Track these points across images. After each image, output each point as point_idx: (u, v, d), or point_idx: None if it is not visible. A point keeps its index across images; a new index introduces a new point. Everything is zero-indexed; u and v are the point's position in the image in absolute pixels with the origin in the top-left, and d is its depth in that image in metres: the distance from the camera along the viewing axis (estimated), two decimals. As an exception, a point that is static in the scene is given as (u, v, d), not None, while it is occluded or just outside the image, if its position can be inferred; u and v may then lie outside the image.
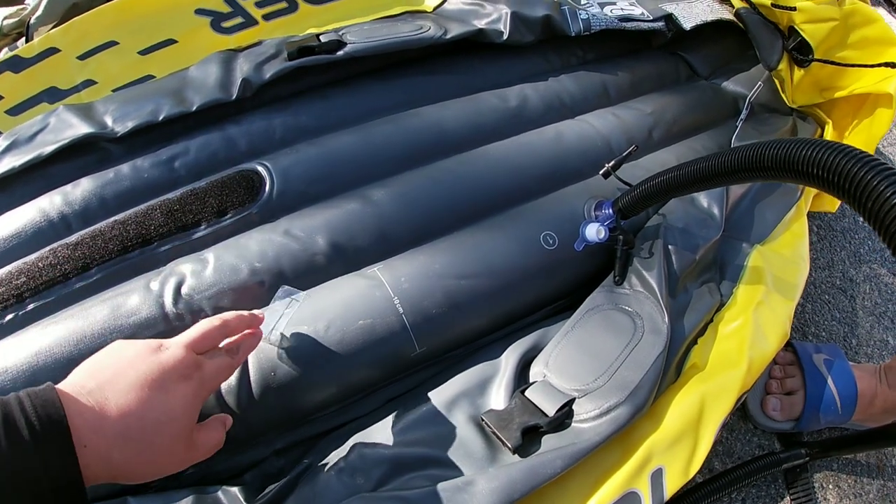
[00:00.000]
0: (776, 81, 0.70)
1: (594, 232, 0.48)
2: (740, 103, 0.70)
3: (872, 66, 0.67)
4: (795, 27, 0.68)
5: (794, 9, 0.67)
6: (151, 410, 0.30)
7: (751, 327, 0.48)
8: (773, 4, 0.69)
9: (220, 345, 0.36)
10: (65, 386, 0.29)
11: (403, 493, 0.36)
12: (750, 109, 0.68)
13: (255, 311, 0.38)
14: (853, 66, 0.68)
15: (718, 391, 0.44)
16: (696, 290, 0.50)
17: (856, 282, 0.78)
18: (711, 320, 0.50)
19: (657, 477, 0.40)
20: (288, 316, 0.40)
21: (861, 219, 0.82)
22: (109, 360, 0.31)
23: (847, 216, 0.84)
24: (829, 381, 0.63)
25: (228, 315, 0.36)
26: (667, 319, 0.45)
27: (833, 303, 0.75)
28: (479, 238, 0.47)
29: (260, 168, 0.47)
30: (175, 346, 0.33)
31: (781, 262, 0.55)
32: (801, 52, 0.69)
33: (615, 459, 0.41)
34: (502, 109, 0.57)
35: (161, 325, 0.41)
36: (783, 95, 0.69)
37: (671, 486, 0.40)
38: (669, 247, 0.50)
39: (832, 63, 0.68)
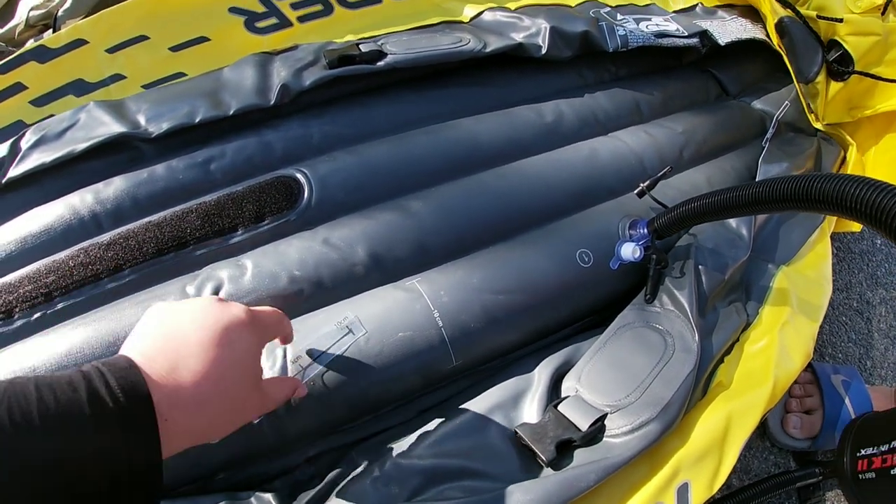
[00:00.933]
0: (803, 100, 0.71)
1: (630, 251, 0.49)
2: (767, 122, 0.71)
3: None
4: (838, 39, 0.70)
5: (840, 20, 0.68)
6: (223, 369, 0.30)
7: (776, 347, 0.49)
8: (818, 16, 0.70)
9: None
10: (130, 353, 0.29)
11: None
12: (776, 129, 0.70)
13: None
14: (891, 80, 0.69)
15: (744, 409, 0.45)
16: (724, 309, 0.52)
17: (872, 304, 0.79)
18: (738, 339, 0.51)
19: (683, 491, 0.41)
20: (340, 349, 0.41)
21: (879, 241, 0.84)
22: (168, 328, 0.30)
23: (865, 238, 0.86)
24: (847, 401, 0.65)
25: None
26: (697, 338, 0.46)
27: (850, 325, 0.77)
28: (516, 253, 0.47)
29: (298, 175, 0.47)
30: (237, 304, 0.33)
31: (806, 282, 0.56)
32: (841, 65, 0.70)
33: (644, 473, 0.42)
34: (538, 124, 0.57)
35: None
36: (809, 115, 0.70)
37: (696, 501, 0.41)
38: (700, 267, 0.51)
39: (871, 76, 0.70)
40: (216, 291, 0.42)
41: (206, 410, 0.29)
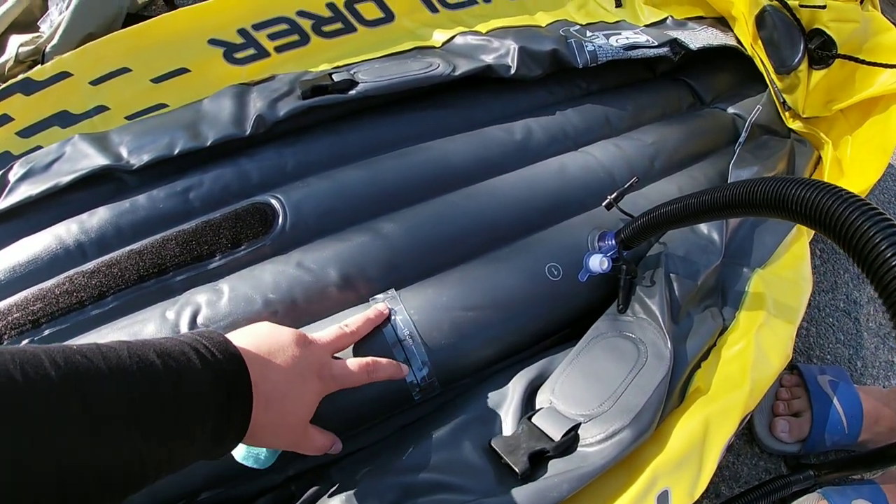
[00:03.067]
0: (777, 99, 0.72)
1: (598, 263, 0.50)
2: (740, 128, 0.72)
3: (892, 65, 0.70)
4: (821, 26, 0.73)
5: (823, 7, 0.71)
6: (291, 391, 0.35)
7: (753, 349, 0.49)
8: (801, 5, 0.72)
9: (366, 365, 0.41)
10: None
11: None
12: (749, 132, 0.71)
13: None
14: (874, 64, 0.71)
15: (722, 412, 0.45)
16: (699, 315, 0.52)
17: (860, 304, 0.80)
18: (714, 345, 0.52)
19: (663, 499, 0.41)
20: None
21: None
22: (265, 338, 0.36)
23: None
24: (835, 401, 0.65)
25: (357, 323, 0.42)
26: (669, 344, 0.46)
27: (837, 325, 0.77)
28: (485, 271, 0.49)
29: (273, 201, 0.49)
30: (318, 347, 0.38)
31: (782, 284, 0.57)
32: (824, 50, 0.73)
33: (621, 483, 0.42)
34: (508, 143, 0.59)
35: None
36: (784, 114, 0.72)
37: None
38: (671, 274, 0.52)
39: (854, 59, 0.72)
40: (194, 316, 0.44)
41: (269, 411, 0.33)
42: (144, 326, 0.44)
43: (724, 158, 0.69)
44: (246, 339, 0.35)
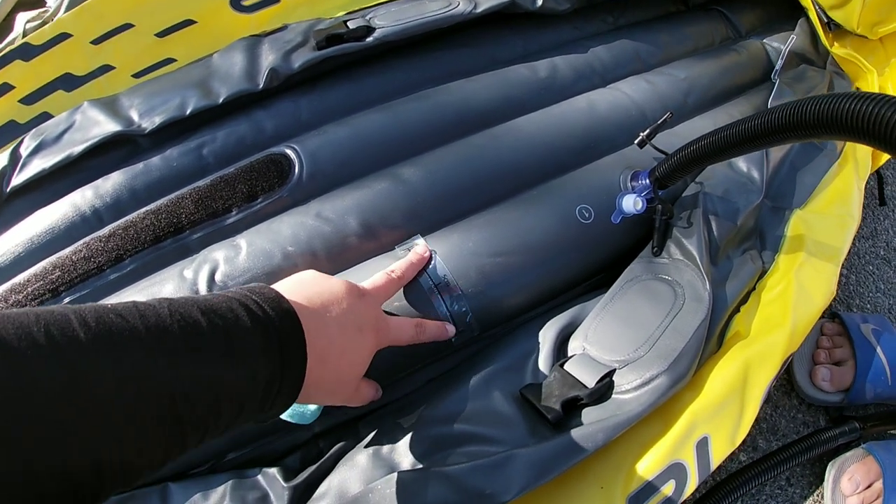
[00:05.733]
0: (818, 20, 0.65)
1: (631, 203, 0.47)
2: (776, 61, 0.67)
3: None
4: None
5: None
6: (348, 346, 0.33)
7: (794, 288, 0.47)
8: None
9: (416, 325, 0.39)
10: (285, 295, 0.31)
11: (442, 470, 0.36)
12: (785, 61, 0.65)
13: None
14: None
15: (762, 354, 0.43)
16: (738, 257, 0.49)
17: (902, 250, 0.76)
18: (754, 288, 0.49)
19: (703, 446, 0.39)
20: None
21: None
22: (319, 289, 0.34)
23: (890, 184, 0.81)
24: (878, 350, 0.61)
25: (402, 267, 0.40)
26: (708, 287, 0.44)
27: (878, 274, 0.73)
28: (513, 214, 0.46)
29: (288, 151, 0.47)
30: (372, 299, 0.36)
31: (824, 222, 0.53)
32: None
33: (658, 430, 0.40)
34: (532, 81, 0.55)
35: None
36: (825, 37, 0.66)
37: (717, 455, 0.39)
38: (709, 214, 0.49)
39: None
40: (212, 274, 0.42)
41: (324, 367, 0.31)
42: (163, 287, 0.43)
43: (759, 94, 0.64)
44: (297, 290, 0.33)
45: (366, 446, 0.40)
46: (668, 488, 0.38)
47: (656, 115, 0.56)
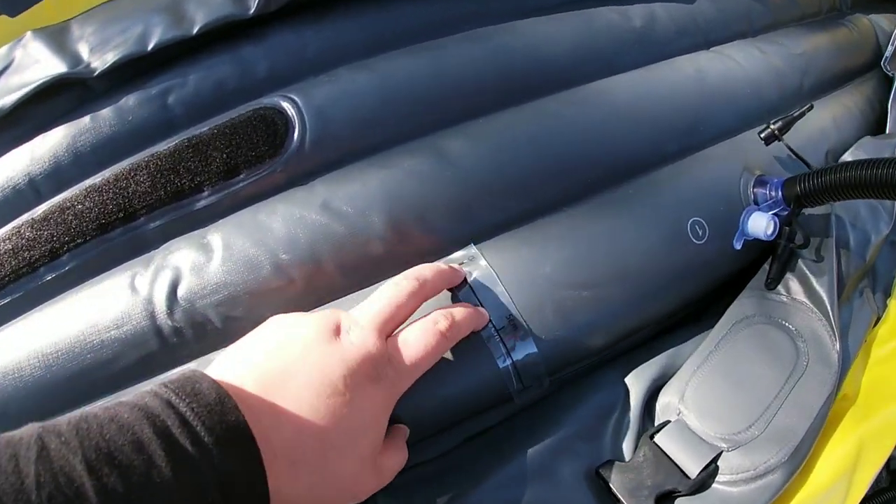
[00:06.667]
0: None
1: (763, 226, 0.31)
2: (882, 44, 0.52)
3: None
4: None
5: None
6: (333, 427, 0.21)
7: None
8: None
9: (437, 329, 0.24)
10: (215, 375, 0.20)
11: None
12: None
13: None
14: None
15: (880, 431, 0.31)
16: (857, 299, 0.37)
17: None
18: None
19: None
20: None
21: None
22: (273, 350, 0.22)
23: None
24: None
25: (423, 271, 0.25)
26: (838, 346, 0.31)
27: None
28: (604, 224, 0.30)
29: (285, 104, 0.30)
30: (360, 331, 0.23)
31: None
32: None
33: None
34: (624, 30, 0.37)
35: (153, 344, 0.27)
36: None
37: None
38: (840, 246, 0.34)
39: None
40: (174, 288, 0.27)
41: (301, 475, 0.20)
42: (108, 302, 0.28)
43: (868, 84, 0.49)
44: (246, 367, 0.21)
45: (383, 537, 0.28)
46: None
47: (772, 97, 0.40)
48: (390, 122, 0.30)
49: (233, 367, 0.21)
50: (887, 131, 0.47)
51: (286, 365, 0.21)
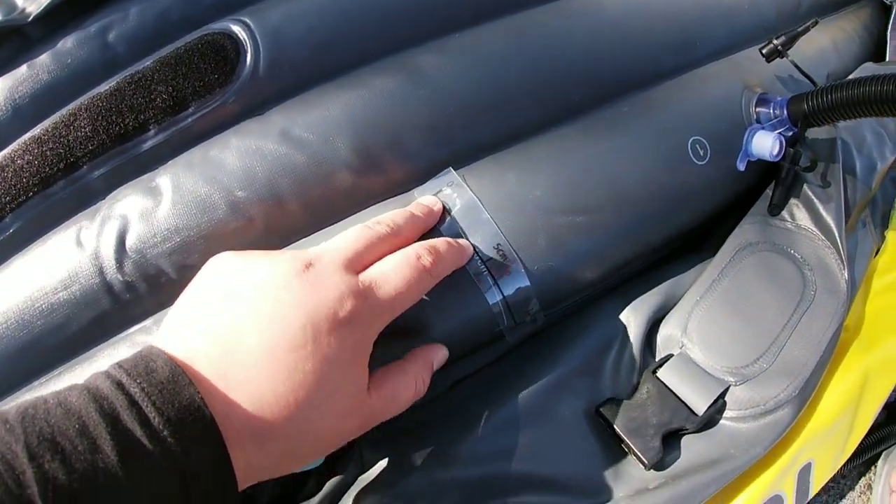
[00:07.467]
0: None
1: (768, 145, 0.27)
2: None
3: None
4: None
5: None
6: (298, 386, 0.17)
7: None
8: None
9: (418, 257, 0.21)
10: (169, 348, 0.17)
11: None
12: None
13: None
14: None
15: (885, 362, 0.29)
16: (861, 230, 0.33)
17: None
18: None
19: (804, 473, 0.27)
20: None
21: None
22: (219, 303, 0.18)
23: None
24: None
25: (397, 217, 0.22)
26: (846, 275, 0.28)
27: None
28: (598, 146, 0.26)
29: (236, 28, 0.25)
30: (323, 269, 0.19)
31: None
32: None
33: (760, 458, 0.26)
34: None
35: (105, 302, 0.23)
36: None
37: (818, 482, 0.28)
38: (846, 172, 0.30)
39: None
40: (121, 239, 0.23)
41: (267, 444, 0.17)
42: (54, 261, 0.24)
43: (863, 10, 0.44)
44: (192, 330, 0.17)
45: (372, 489, 0.25)
46: (761, 525, 0.24)
47: (770, 15, 0.35)
48: (354, 40, 0.25)
49: (180, 331, 0.17)
50: (887, 59, 0.43)
51: (236, 320, 0.17)
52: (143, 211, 0.24)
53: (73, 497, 0.13)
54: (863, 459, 0.46)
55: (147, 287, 0.24)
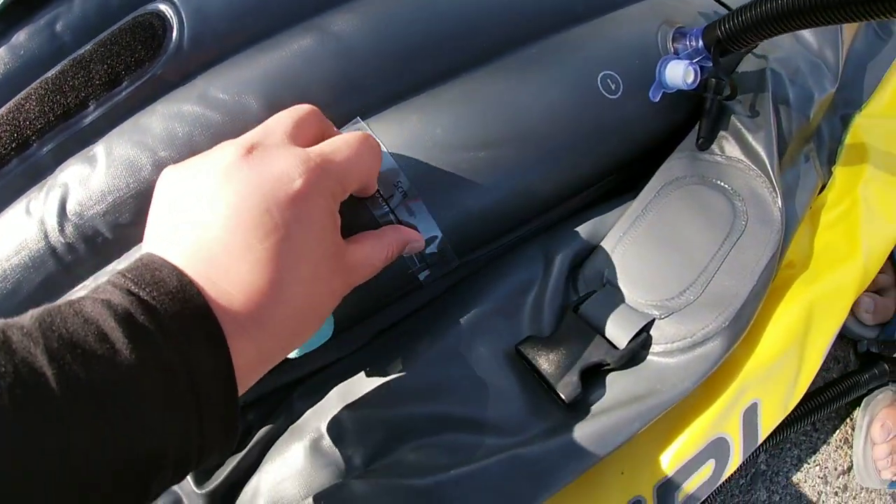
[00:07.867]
0: None
1: (680, 73, 0.26)
2: None
3: None
4: None
5: None
6: (282, 268, 0.17)
7: (861, 208, 0.31)
8: None
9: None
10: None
11: (411, 483, 0.21)
12: None
13: None
14: None
15: (830, 296, 0.28)
16: (804, 164, 0.33)
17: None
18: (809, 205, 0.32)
19: (751, 414, 0.26)
20: None
21: None
22: (183, 212, 0.18)
23: None
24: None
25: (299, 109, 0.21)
26: (780, 203, 0.26)
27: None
28: (501, 85, 0.25)
29: (164, 7, 0.26)
30: (271, 144, 0.18)
31: (887, 130, 0.35)
32: None
33: (698, 396, 0.26)
34: None
35: (51, 265, 0.24)
36: None
37: (767, 424, 0.27)
38: (778, 101, 0.29)
39: None
40: (62, 205, 0.24)
41: (267, 329, 0.17)
42: (10, 234, 0.25)
43: None
44: (170, 242, 0.17)
45: (300, 433, 0.25)
46: (705, 470, 0.25)
47: None
48: (272, 7, 0.26)
49: (160, 247, 0.17)
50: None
51: (203, 227, 0.17)
52: (81, 178, 0.25)
53: (94, 395, 0.13)
54: (833, 408, 0.44)
55: (86, 248, 0.25)
